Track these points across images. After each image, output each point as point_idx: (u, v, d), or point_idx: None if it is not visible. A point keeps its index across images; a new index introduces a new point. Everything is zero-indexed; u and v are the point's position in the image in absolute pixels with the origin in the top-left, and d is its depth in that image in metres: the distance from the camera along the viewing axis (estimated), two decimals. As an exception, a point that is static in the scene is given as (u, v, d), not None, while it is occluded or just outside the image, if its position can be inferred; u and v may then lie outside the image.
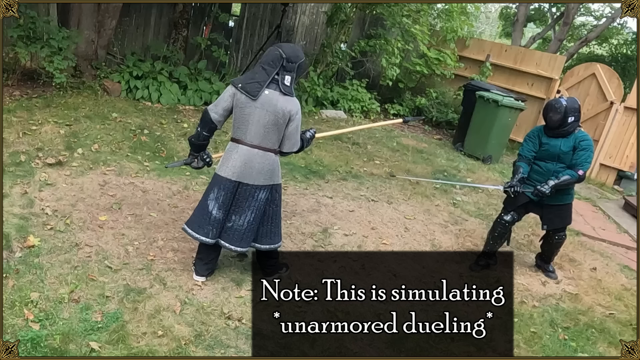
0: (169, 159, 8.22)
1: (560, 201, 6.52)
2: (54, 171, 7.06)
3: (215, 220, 5.25)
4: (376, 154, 10.68)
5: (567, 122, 6.29)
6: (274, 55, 5.13)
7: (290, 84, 5.17)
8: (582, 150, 6.29)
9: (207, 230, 5.26)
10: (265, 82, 5.09)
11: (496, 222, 6.77)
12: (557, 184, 6.23)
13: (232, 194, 5.22)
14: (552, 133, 6.41)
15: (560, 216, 6.64)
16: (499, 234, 6.73)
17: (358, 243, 6.87)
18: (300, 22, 14.07)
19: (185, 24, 12.57)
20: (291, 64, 5.13)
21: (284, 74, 5.12)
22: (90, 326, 4.47)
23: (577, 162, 6.28)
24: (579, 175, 6.25)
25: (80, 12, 10.76)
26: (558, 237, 6.77)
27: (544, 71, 13.79)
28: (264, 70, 5.12)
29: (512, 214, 6.65)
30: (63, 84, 9.79)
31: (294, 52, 5.19)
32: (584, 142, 6.32)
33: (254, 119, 5.10)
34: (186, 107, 11.07)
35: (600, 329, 5.96)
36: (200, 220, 5.29)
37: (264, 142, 5.17)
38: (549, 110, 6.35)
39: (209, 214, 5.25)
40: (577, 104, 6.38)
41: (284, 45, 5.33)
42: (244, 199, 5.23)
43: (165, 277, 5.34)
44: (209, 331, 4.72)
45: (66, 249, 5.46)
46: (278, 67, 5.10)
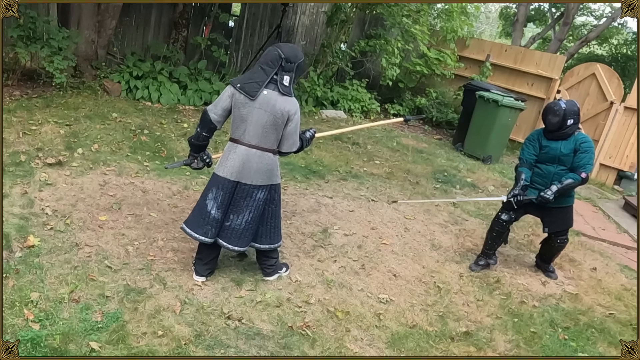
0: (169, 159, 8.22)
1: (561, 204, 6.47)
2: (54, 171, 7.06)
3: (214, 219, 5.25)
4: (376, 154, 10.68)
5: (566, 125, 6.28)
6: (272, 55, 5.13)
7: (289, 84, 5.16)
8: (584, 152, 6.26)
9: (206, 229, 5.25)
10: (264, 82, 5.08)
11: (494, 222, 6.78)
12: (561, 189, 6.21)
13: (230, 193, 5.22)
14: (551, 136, 6.41)
15: (561, 219, 6.62)
16: (497, 234, 6.73)
17: (358, 243, 6.86)
18: (300, 22, 14.07)
19: (185, 24, 12.58)
20: (290, 64, 5.11)
21: (283, 74, 5.11)
22: (90, 326, 4.46)
23: (579, 164, 6.25)
24: (582, 178, 6.22)
25: (80, 12, 10.77)
26: (560, 240, 6.73)
27: (544, 71, 13.81)
28: (263, 70, 5.11)
29: (509, 213, 6.65)
30: (63, 84, 9.80)
31: (292, 52, 5.17)
32: (585, 144, 6.28)
33: (253, 119, 5.10)
34: (186, 107, 11.08)
35: (600, 329, 5.95)
36: (198, 220, 5.29)
37: (262, 142, 5.17)
38: (548, 113, 6.34)
39: (208, 214, 5.25)
40: (576, 106, 6.36)
41: (282, 45, 5.31)
42: (242, 198, 5.24)
43: (165, 277, 5.33)
44: (209, 331, 4.71)
45: (66, 249, 5.46)
46: (277, 67, 5.09)
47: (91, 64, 11.14)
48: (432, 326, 5.44)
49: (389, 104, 14.80)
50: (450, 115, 14.49)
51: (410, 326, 5.36)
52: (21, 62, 9.60)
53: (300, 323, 5.05)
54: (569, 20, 22.19)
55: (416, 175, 9.87)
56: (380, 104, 14.53)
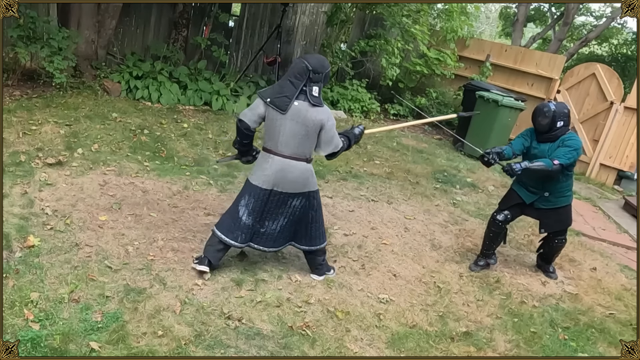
0: (168, 159, 8.23)
1: (556, 204, 6.52)
2: (54, 171, 7.06)
3: (245, 226, 5.39)
4: (376, 154, 10.68)
5: (555, 127, 6.29)
6: (300, 67, 5.24)
7: (319, 94, 5.27)
8: (564, 146, 6.24)
9: (237, 234, 5.39)
10: (294, 94, 5.20)
11: (490, 222, 6.80)
12: (530, 167, 6.11)
13: (263, 201, 5.36)
14: (541, 138, 6.42)
15: (557, 220, 6.64)
16: (494, 234, 6.74)
17: (358, 243, 6.86)
18: (300, 22, 14.06)
19: (185, 24, 12.57)
20: (318, 75, 5.23)
21: (312, 85, 5.23)
22: (90, 326, 4.46)
23: (557, 155, 6.20)
24: (554, 165, 6.10)
25: (80, 12, 10.77)
26: (558, 240, 6.77)
27: (544, 71, 13.82)
28: (292, 83, 5.23)
29: (505, 213, 6.67)
30: (63, 84, 9.79)
31: (319, 62, 5.29)
32: (569, 140, 6.26)
33: (285, 130, 5.23)
34: (186, 107, 11.07)
35: (600, 329, 5.96)
36: (230, 225, 5.42)
37: (296, 152, 5.30)
38: (538, 114, 6.35)
39: (239, 220, 5.39)
40: (566, 108, 6.37)
41: (309, 56, 5.45)
42: (277, 206, 5.41)
43: (165, 277, 5.33)
44: (209, 331, 4.71)
45: (66, 249, 5.46)
46: (305, 79, 5.21)
47: (91, 64, 11.14)
48: (432, 326, 5.45)
49: (388, 104, 14.77)
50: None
51: (410, 326, 5.37)
52: (21, 62, 9.59)
53: (300, 323, 5.06)
54: (569, 20, 22.20)
55: (416, 175, 9.87)
56: (380, 104, 14.51)
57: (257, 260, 5.93)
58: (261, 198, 5.33)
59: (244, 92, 12.10)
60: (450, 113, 14.27)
